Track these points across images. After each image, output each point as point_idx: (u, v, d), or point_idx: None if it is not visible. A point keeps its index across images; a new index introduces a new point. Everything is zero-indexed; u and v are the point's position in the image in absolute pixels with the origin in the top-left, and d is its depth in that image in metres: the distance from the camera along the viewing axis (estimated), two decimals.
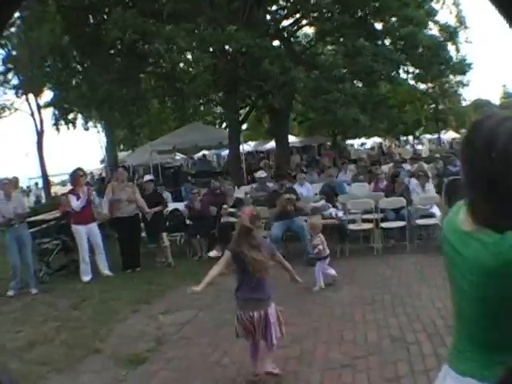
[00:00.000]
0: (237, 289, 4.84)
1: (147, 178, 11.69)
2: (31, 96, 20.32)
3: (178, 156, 27.91)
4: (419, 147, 33.83)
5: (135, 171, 24.96)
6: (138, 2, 14.40)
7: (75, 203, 9.94)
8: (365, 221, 10.86)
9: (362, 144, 39.43)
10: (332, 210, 10.87)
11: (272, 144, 26.09)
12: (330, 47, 18.74)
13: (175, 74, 16.13)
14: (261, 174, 13.18)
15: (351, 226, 10.73)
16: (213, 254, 10.68)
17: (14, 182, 11.00)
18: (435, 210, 10.69)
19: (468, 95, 36.74)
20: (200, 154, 27.10)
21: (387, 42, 16.79)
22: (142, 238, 10.98)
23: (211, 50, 14.30)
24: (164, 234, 10.68)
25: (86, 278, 9.94)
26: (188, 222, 11.60)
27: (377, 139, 38.07)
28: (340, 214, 10.81)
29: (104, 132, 25.25)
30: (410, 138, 35.08)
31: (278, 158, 21.15)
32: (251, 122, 26.98)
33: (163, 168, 21.76)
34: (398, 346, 5.55)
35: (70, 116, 18.72)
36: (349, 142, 35.50)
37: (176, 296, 8.41)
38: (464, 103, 35.41)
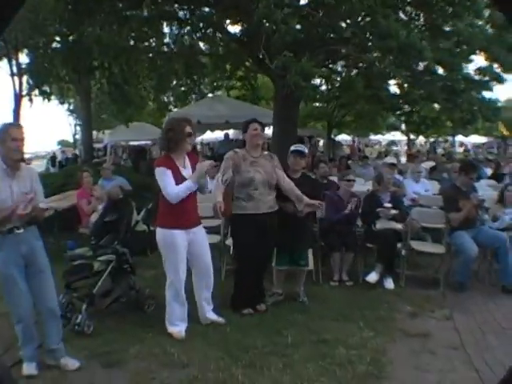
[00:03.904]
0: None
1: (295, 147, 5.77)
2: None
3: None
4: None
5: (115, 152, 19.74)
6: None
7: (172, 187, 4.58)
8: None
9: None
10: None
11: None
12: None
13: None
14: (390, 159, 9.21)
15: None
16: (372, 278, 6.24)
17: None
18: None
19: None
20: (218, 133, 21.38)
21: None
22: None
23: None
24: (311, 252, 5.66)
25: (178, 328, 4.76)
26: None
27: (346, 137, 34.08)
28: None
29: (80, 105, 19.62)
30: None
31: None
32: None
33: None
34: None
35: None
36: None
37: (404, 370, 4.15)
38: None
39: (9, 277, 3.89)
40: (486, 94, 12.71)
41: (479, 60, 13.25)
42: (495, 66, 12.84)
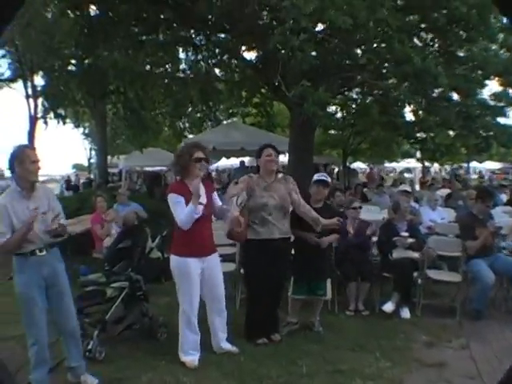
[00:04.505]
0: None
1: (318, 177, 5.63)
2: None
3: None
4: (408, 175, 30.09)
5: (130, 177, 19.76)
6: None
7: (183, 214, 4.52)
8: None
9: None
10: None
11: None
12: None
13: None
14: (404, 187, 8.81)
15: None
16: (388, 307, 6.11)
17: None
18: None
19: None
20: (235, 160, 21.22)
21: None
22: None
23: None
24: (329, 281, 5.56)
25: (191, 357, 4.69)
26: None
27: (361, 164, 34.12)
28: None
29: (96, 129, 19.85)
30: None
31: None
32: None
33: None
34: None
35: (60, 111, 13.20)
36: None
37: None
38: None
39: (29, 299, 3.88)
40: (501, 120, 12.64)
41: (493, 85, 13.15)
42: (511, 91, 12.79)
